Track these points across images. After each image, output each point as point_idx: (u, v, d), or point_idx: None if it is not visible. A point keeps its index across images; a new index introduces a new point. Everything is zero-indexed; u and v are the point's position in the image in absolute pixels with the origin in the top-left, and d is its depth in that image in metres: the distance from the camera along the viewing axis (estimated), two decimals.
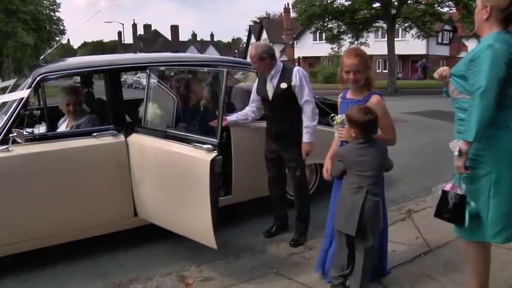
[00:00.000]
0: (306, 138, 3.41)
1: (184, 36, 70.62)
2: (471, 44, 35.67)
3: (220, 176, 3.24)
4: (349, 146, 2.59)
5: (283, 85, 3.40)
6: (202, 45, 59.59)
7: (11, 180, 2.94)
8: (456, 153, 2.16)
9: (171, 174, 3.06)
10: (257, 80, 3.70)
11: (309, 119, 3.40)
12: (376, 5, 23.18)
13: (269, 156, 3.65)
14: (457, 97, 2.27)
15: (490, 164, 2.17)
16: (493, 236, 2.23)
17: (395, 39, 23.91)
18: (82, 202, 3.22)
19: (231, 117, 3.67)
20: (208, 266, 3.21)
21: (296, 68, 3.48)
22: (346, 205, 2.52)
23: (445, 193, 2.32)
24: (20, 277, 3.12)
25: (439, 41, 38.35)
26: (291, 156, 3.52)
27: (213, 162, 2.71)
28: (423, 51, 36.66)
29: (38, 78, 3.17)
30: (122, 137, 3.36)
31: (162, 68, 3.67)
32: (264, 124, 3.74)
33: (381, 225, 2.61)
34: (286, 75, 3.43)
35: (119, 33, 62.76)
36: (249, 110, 3.73)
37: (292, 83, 3.39)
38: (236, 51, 59.78)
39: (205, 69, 3.66)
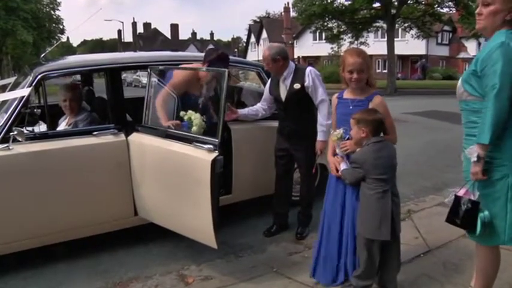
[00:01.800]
0: (320, 136, 3.42)
1: (184, 34, 70.54)
2: (471, 45, 35.69)
3: (221, 175, 3.24)
4: (364, 149, 2.53)
5: (297, 86, 3.42)
6: (202, 44, 59.37)
7: (11, 179, 2.94)
8: (475, 159, 2.08)
9: (171, 174, 3.06)
10: (269, 80, 3.72)
11: (324, 118, 3.41)
12: (376, 4, 23.23)
13: (279, 154, 3.66)
14: (467, 98, 2.20)
15: (506, 167, 2.10)
16: None
17: (395, 39, 23.93)
18: (82, 201, 3.21)
19: (242, 111, 3.71)
20: (208, 265, 3.21)
21: (308, 69, 3.49)
22: (375, 212, 2.44)
23: (457, 198, 2.25)
24: (21, 275, 3.12)
25: (439, 41, 38.42)
26: (302, 155, 3.55)
27: (214, 162, 2.71)
28: (423, 52, 36.71)
29: (39, 76, 3.17)
30: (122, 136, 3.36)
31: (163, 67, 3.66)
32: (265, 123, 3.77)
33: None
34: (298, 76, 3.44)
35: (119, 32, 62.89)
36: (260, 108, 3.76)
37: (306, 84, 3.40)
38: (236, 50, 59.70)
39: (206, 68, 3.65)
